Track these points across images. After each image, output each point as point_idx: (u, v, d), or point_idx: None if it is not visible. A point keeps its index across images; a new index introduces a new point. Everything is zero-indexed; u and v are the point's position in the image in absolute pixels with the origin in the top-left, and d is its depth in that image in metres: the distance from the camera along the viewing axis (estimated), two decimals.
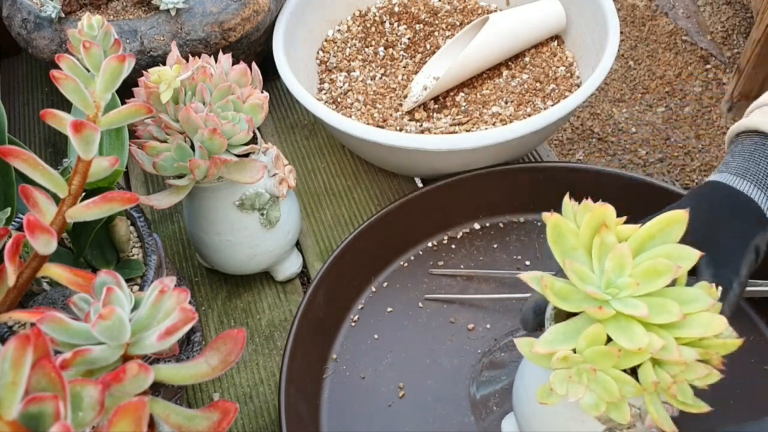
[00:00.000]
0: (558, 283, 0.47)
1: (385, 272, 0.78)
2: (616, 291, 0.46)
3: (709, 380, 0.46)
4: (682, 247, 0.46)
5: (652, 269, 0.46)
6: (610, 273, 0.47)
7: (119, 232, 0.64)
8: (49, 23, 0.84)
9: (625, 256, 0.46)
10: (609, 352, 0.45)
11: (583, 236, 0.48)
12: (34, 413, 0.32)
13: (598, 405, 0.46)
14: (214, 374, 0.46)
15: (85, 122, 0.49)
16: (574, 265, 0.47)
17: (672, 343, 0.45)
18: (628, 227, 0.48)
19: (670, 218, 0.47)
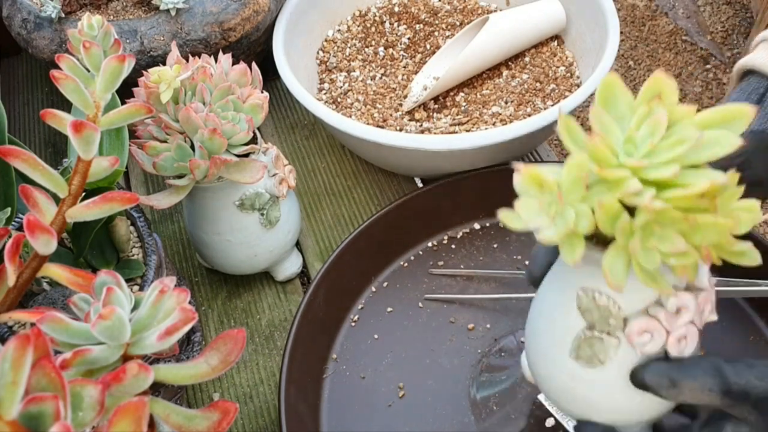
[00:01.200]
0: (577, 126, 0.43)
1: (385, 272, 0.78)
2: (631, 149, 0.41)
3: (685, 260, 0.40)
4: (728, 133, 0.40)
5: (678, 139, 0.40)
6: (634, 132, 0.42)
7: (119, 232, 0.64)
8: (49, 23, 0.84)
9: (659, 122, 0.41)
10: (578, 179, 0.41)
11: (636, 106, 0.43)
12: (34, 413, 0.32)
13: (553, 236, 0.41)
14: (214, 374, 0.46)
15: (85, 122, 0.49)
16: (603, 116, 0.42)
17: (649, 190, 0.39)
18: (686, 108, 0.42)
19: (735, 111, 0.41)
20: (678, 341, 0.45)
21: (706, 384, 0.44)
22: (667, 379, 0.45)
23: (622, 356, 0.46)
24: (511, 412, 0.66)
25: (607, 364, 0.46)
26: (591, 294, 0.45)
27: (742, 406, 0.44)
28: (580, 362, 0.47)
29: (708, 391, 0.44)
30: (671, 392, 0.45)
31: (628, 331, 0.44)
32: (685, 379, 0.44)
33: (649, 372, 0.45)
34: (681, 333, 0.44)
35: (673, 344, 0.44)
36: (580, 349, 0.47)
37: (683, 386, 0.44)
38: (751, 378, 0.44)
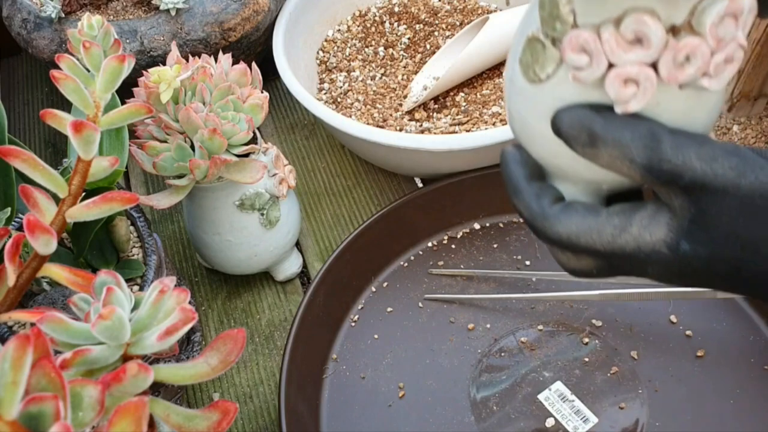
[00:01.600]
0: None
1: (385, 272, 0.78)
2: None
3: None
4: None
5: None
6: None
7: (119, 232, 0.64)
8: (49, 23, 0.84)
9: None
10: None
11: None
12: (34, 413, 0.32)
13: None
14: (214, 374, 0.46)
15: (85, 122, 0.49)
16: None
17: None
18: None
19: None
20: (622, 82, 0.35)
21: (629, 152, 0.36)
22: (585, 132, 0.37)
23: (560, 78, 0.38)
24: (511, 412, 0.66)
25: (544, 84, 0.38)
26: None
27: (668, 187, 0.36)
28: (521, 69, 0.40)
29: (628, 162, 0.36)
30: (588, 151, 0.37)
31: (564, 41, 0.36)
32: (606, 138, 0.36)
33: (568, 116, 0.37)
34: (628, 72, 0.35)
35: (612, 82, 0.35)
36: (524, 51, 0.39)
37: (602, 147, 0.36)
38: (692, 157, 0.35)
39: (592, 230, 0.39)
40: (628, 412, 0.65)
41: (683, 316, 0.71)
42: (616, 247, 0.39)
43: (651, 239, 0.38)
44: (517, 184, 0.42)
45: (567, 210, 0.40)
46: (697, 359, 0.68)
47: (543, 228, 0.41)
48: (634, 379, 0.67)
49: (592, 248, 0.39)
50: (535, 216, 0.41)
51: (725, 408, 0.65)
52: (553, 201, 0.41)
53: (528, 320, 0.72)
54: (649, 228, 0.38)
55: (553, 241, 0.41)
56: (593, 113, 0.36)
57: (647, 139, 0.35)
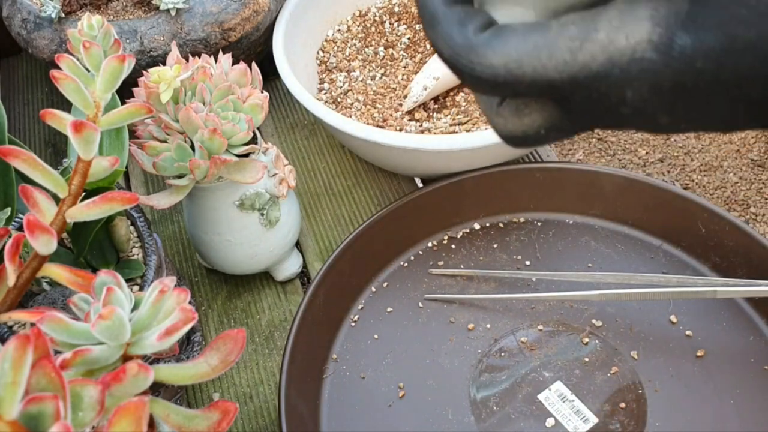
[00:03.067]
0: None
1: (385, 272, 0.78)
2: None
3: None
4: None
5: None
6: None
7: (119, 232, 0.64)
8: (49, 23, 0.84)
9: None
10: None
11: None
12: (34, 413, 0.32)
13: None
14: (214, 374, 0.46)
15: (85, 122, 0.49)
16: None
17: None
18: None
19: None
20: None
21: None
22: None
23: None
24: (511, 412, 0.66)
25: None
26: None
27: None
28: None
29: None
30: None
31: None
32: None
33: None
34: None
35: None
36: None
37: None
38: None
39: (539, 51, 0.28)
40: (628, 412, 0.65)
41: (683, 316, 0.71)
42: (577, 67, 0.28)
43: (628, 42, 0.27)
44: (434, 10, 0.31)
45: (501, 33, 0.29)
46: (697, 359, 0.68)
47: (470, 63, 0.30)
48: (634, 379, 0.67)
49: (542, 78, 0.28)
50: (458, 49, 0.30)
51: (725, 408, 0.65)
52: (482, 27, 0.30)
53: (528, 320, 0.72)
54: (624, 28, 0.27)
55: (486, 81, 0.30)
56: None
57: None
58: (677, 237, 0.76)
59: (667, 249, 0.76)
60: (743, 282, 0.66)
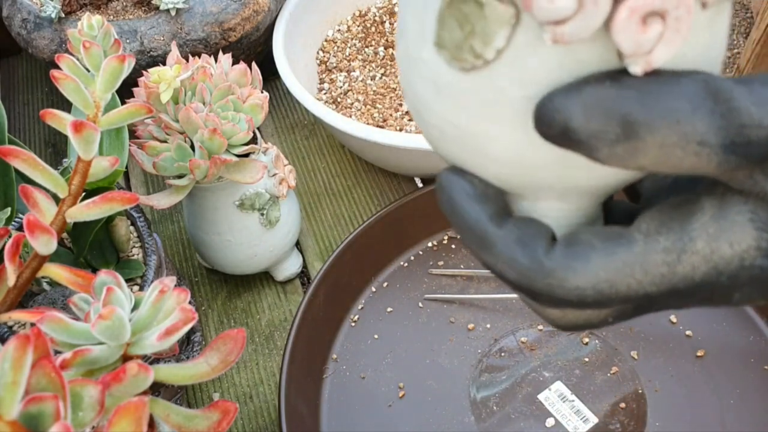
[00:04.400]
0: None
1: (385, 272, 0.78)
2: None
3: None
4: None
5: None
6: None
7: (119, 232, 0.64)
8: (49, 23, 0.84)
9: None
10: None
11: None
12: (34, 413, 0.32)
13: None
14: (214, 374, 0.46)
15: (85, 122, 0.49)
16: None
17: None
18: None
19: None
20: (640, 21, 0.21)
21: (695, 131, 0.22)
22: (615, 123, 0.22)
23: (523, 48, 0.23)
24: (512, 412, 0.66)
25: (496, 64, 0.24)
26: None
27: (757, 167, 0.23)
28: (444, 55, 0.25)
29: (697, 146, 0.22)
30: (621, 150, 0.23)
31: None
32: (653, 122, 0.22)
33: (575, 106, 0.23)
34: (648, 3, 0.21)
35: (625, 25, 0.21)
36: (444, 25, 0.25)
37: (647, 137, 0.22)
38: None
39: (632, 270, 0.26)
40: (628, 412, 0.65)
41: (683, 316, 0.71)
42: (677, 279, 0.25)
43: (734, 251, 0.25)
44: (484, 232, 0.27)
45: (577, 252, 0.26)
46: (697, 359, 0.68)
47: (548, 289, 0.26)
48: (634, 379, 0.67)
49: (637, 293, 0.26)
50: (530, 276, 0.27)
51: (725, 408, 0.65)
52: (548, 243, 0.27)
53: (528, 320, 0.72)
54: (724, 235, 0.25)
55: (570, 302, 0.27)
56: (614, 88, 0.22)
57: (712, 101, 0.22)
58: None
59: None
60: None
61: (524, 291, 0.27)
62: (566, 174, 0.26)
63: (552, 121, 0.23)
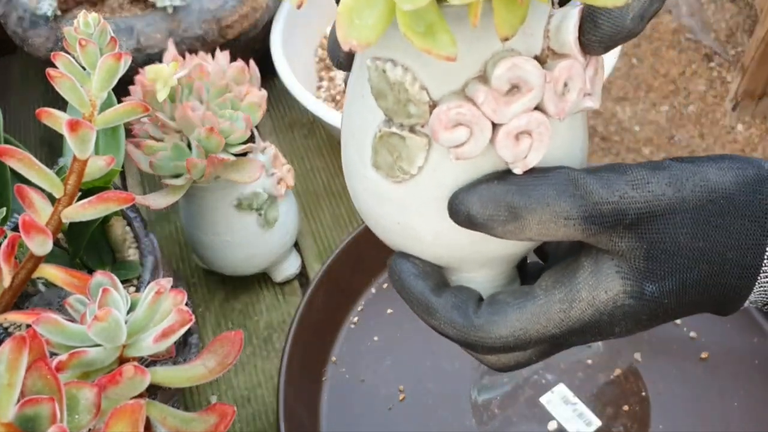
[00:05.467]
0: None
1: (384, 273, 0.78)
2: None
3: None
4: None
5: None
6: None
7: (115, 233, 0.64)
8: (44, 21, 0.83)
9: None
10: None
11: None
12: (30, 415, 0.32)
13: None
14: (212, 377, 0.45)
15: (80, 121, 0.48)
16: None
17: None
18: None
19: None
20: (514, 139, 0.31)
21: (560, 209, 0.31)
22: (503, 209, 0.31)
23: (437, 164, 0.32)
24: (513, 415, 0.65)
25: (419, 176, 0.33)
26: (381, 66, 0.31)
27: (613, 232, 0.32)
28: (381, 173, 0.34)
29: (563, 221, 0.31)
30: (510, 228, 0.32)
31: (431, 121, 0.30)
32: (530, 206, 0.31)
33: (474, 199, 0.32)
34: (519, 125, 0.30)
35: (504, 143, 0.31)
36: (378, 153, 0.33)
37: (528, 216, 0.31)
38: (624, 187, 0.31)
39: (538, 318, 0.34)
40: (631, 414, 0.64)
41: (687, 318, 0.70)
42: (572, 322, 0.34)
43: (608, 295, 0.33)
44: (427, 302, 0.36)
45: (497, 309, 0.35)
46: (701, 361, 0.68)
47: (480, 340, 0.35)
48: (638, 382, 0.66)
49: (545, 336, 0.35)
50: (465, 331, 0.35)
51: (730, 410, 0.64)
52: (476, 305, 0.36)
53: None
54: (600, 286, 0.33)
55: (497, 348, 0.35)
56: (501, 184, 0.31)
57: (572, 187, 0.31)
58: None
59: None
60: None
61: (463, 344, 0.37)
62: (481, 249, 0.35)
63: (459, 212, 0.32)
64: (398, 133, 0.32)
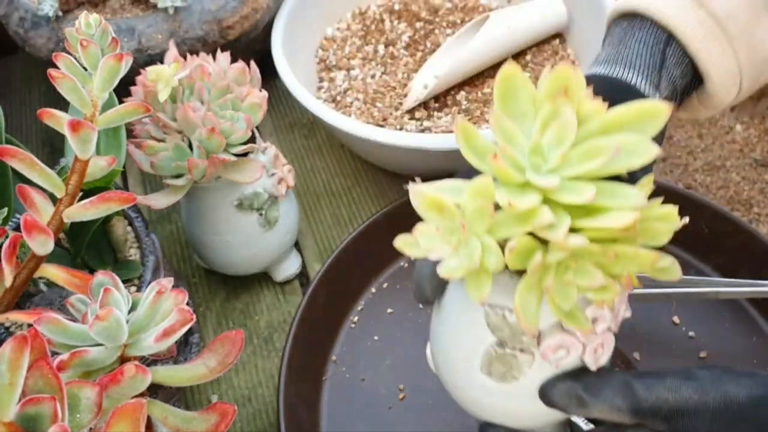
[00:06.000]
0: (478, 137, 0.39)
1: (385, 273, 0.78)
2: (539, 161, 0.37)
3: (604, 294, 0.38)
4: (642, 139, 0.36)
5: (589, 150, 0.36)
6: (542, 141, 0.37)
7: (116, 233, 0.64)
8: (46, 22, 0.83)
9: (567, 127, 0.36)
10: (483, 209, 0.37)
11: (540, 102, 0.38)
12: (31, 415, 0.32)
13: (457, 270, 0.38)
14: (212, 376, 0.46)
15: (82, 121, 0.49)
16: (505, 122, 0.38)
17: (564, 223, 0.35)
18: (595, 105, 0.37)
19: (647, 109, 0.37)
20: (594, 351, 0.43)
21: (614, 404, 0.43)
22: (575, 399, 0.44)
23: (537, 370, 0.44)
24: None
25: (522, 378, 0.44)
26: (501, 312, 0.42)
27: (653, 421, 0.43)
28: (493, 378, 0.45)
29: (617, 411, 0.43)
30: (580, 411, 0.44)
31: (542, 348, 0.42)
32: (593, 400, 0.43)
33: (557, 392, 0.44)
34: (597, 343, 0.43)
35: (589, 356, 0.43)
36: (492, 365, 0.44)
37: (592, 406, 0.43)
38: (662, 391, 0.43)
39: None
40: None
41: (686, 317, 0.71)
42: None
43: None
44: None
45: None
46: (700, 361, 0.68)
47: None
48: None
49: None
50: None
51: None
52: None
53: None
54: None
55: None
56: (572, 382, 0.44)
57: (623, 388, 0.43)
58: (679, 237, 0.75)
59: (669, 249, 0.76)
60: (746, 282, 0.66)
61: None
62: (554, 419, 0.47)
63: (544, 397, 0.44)
64: (512, 353, 0.43)
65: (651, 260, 0.38)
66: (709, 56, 0.53)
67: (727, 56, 0.54)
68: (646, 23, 0.55)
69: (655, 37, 0.54)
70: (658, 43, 0.54)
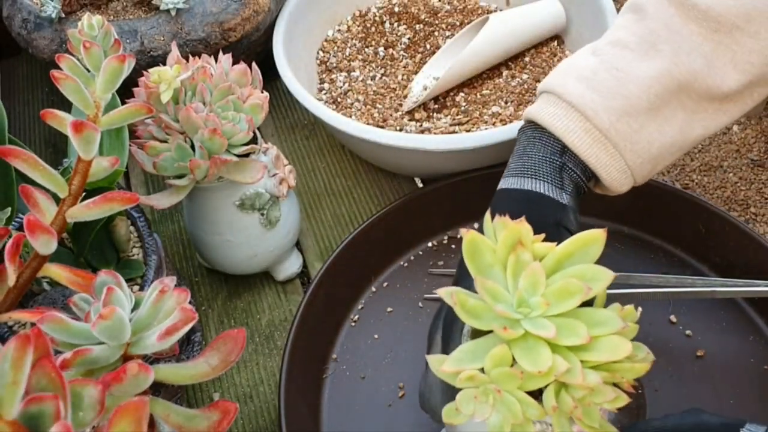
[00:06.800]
0: (470, 300, 0.47)
1: (385, 272, 0.78)
2: (527, 311, 0.45)
3: (617, 403, 0.47)
4: (597, 267, 0.46)
5: (563, 289, 0.45)
6: (522, 292, 0.46)
7: (119, 232, 0.64)
8: (49, 23, 0.84)
9: (538, 274, 0.45)
10: (513, 374, 0.45)
11: (500, 253, 0.47)
12: (34, 413, 0.32)
13: (503, 425, 0.45)
14: (214, 374, 0.46)
15: (85, 122, 0.49)
16: (487, 283, 0.46)
17: (577, 367, 0.44)
18: (545, 245, 0.47)
19: (588, 237, 0.46)
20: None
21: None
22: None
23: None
24: None
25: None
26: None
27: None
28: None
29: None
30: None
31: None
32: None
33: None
34: None
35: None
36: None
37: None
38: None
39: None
40: (627, 412, 0.65)
41: (683, 316, 0.71)
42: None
43: None
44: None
45: None
46: (697, 359, 0.68)
47: None
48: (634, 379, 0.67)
49: None
50: None
51: (725, 408, 0.65)
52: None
53: None
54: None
55: None
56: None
57: None
58: (677, 237, 0.76)
59: (667, 249, 0.76)
60: (743, 282, 0.66)
61: None
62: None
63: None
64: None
65: (643, 369, 0.49)
66: (597, 160, 0.60)
67: (615, 158, 0.60)
68: (545, 133, 0.61)
69: (551, 147, 0.61)
70: (555, 153, 0.60)
